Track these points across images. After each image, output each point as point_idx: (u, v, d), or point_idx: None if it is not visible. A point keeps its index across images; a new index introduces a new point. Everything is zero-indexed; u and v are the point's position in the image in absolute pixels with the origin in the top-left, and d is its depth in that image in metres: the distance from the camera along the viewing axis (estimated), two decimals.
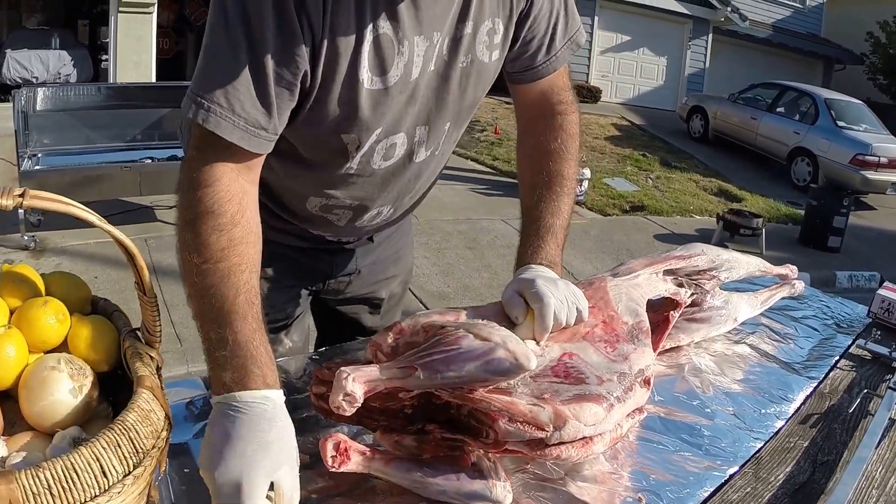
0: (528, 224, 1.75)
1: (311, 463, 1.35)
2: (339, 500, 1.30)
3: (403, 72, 1.48)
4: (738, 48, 23.43)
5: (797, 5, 25.58)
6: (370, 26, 1.39)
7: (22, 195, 0.93)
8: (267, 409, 1.18)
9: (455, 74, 1.58)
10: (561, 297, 1.48)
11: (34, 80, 14.17)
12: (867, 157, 14.07)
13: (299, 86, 1.39)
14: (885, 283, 2.58)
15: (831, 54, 25.29)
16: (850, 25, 25.20)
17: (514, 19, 1.65)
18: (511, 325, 1.47)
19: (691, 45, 22.24)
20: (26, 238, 6.87)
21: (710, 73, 22.42)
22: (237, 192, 1.35)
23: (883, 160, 14.18)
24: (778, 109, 16.59)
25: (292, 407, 1.28)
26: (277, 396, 1.22)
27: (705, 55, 22.35)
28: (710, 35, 22.31)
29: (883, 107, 19.48)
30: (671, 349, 2.03)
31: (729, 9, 21.33)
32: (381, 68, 1.45)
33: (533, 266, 1.62)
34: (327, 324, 2.32)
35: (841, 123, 15.03)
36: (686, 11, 21.38)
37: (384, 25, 1.41)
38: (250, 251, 1.33)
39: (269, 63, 1.32)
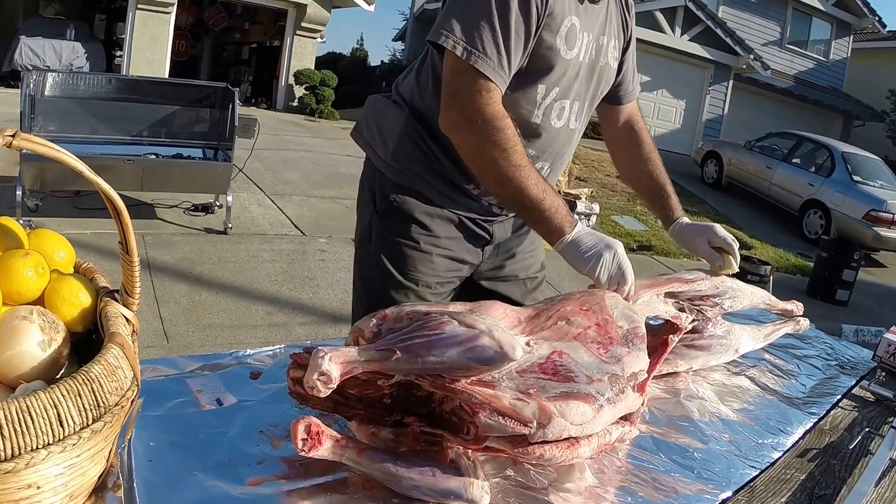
0: (655, 190, 2.44)
1: (280, 448, 1.34)
2: (307, 488, 1.26)
3: (578, 52, 2.02)
4: (757, 96, 23.47)
5: (820, 58, 25.65)
6: (568, 16, 1.95)
7: (13, 135, 0.92)
8: (588, 230, 1.91)
9: (597, 69, 2.13)
10: None
11: (46, 69, 14.18)
12: (881, 214, 13.96)
13: (530, 45, 1.91)
14: (892, 328, 2.55)
15: (851, 109, 25.31)
16: (872, 82, 25.27)
17: (622, 45, 2.27)
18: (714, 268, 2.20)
19: (711, 90, 22.27)
20: (22, 222, 6.77)
21: (728, 120, 22.45)
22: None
23: None
24: (794, 160, 16.54)
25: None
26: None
27: (724, 101, 22.38)
28: (731, 81, 22.36)
29: None
30: (668, 374, 2.00)
31: (752, 56, 21.38)
32: (570, 44, 1.98)
33: (684, 217, 2.39)
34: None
35: (857, 178, 14.94)
36: (709, 56, 21.43)
37: (574, 18, 1.96)
38: None
39: (512, 23, 1.83)
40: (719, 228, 2.27)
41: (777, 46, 24.48)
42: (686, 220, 2.37)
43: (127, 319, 1.14)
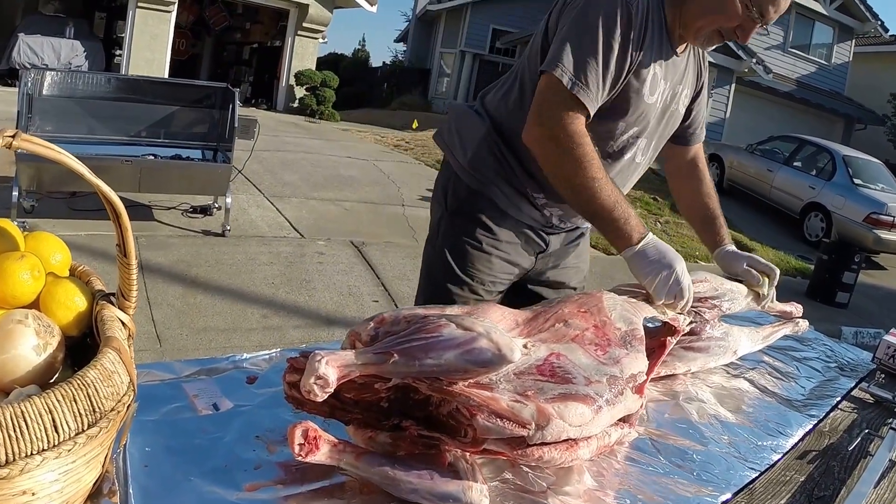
0: (708, 221, 2.58)
1: (277, 453, 1.33)
2: (304, 493, 1.25)
3: (656, 98, 2.21)
4: (759, 100, 23.49)
5: (822, 62, 25.69)
6: (652, 65, 2.14)
7: (13, 136, 0.92)
8: (655, 237, 2.01)
9: (668, 113, 2.32)
10: None
11: (44, 67, 14.15)
12: (882, 217, 13.97)
13: (620, 83, 2.09)
14: (891, 330, 2.55)
15: (853, 113, 25.34)
16: (874, 86, 25.32)
17: (693, 94, 2.45)
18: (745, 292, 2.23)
19: (713, 93, 22.25)
20: (17, 223, 6.74)
21: (730, 123, 22.45)
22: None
23: None
24: (795, 163, 16.55)
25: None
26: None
27: (727, 105, 22.38)
28: (733, 85, 22.37)
29: None
30: (666, 377, 2.01)
31: (754, 60, 21.40)
32: (652, 91, 2.17)
33: (731, 244, 2.52)
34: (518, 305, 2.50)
35: (857, 181, 14.96)
36: (711, 59, 21.30)
37: (656, 68, 2.16)
38: None
39: (612, 66, 2.03)
40: (760, 256, 2.40)
41: (780, 50, 24.51)
42: (732, 247, 2.50)
43: (123, 323, 1.13)
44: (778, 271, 2.31)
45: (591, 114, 2.05)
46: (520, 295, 2.52)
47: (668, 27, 2.17)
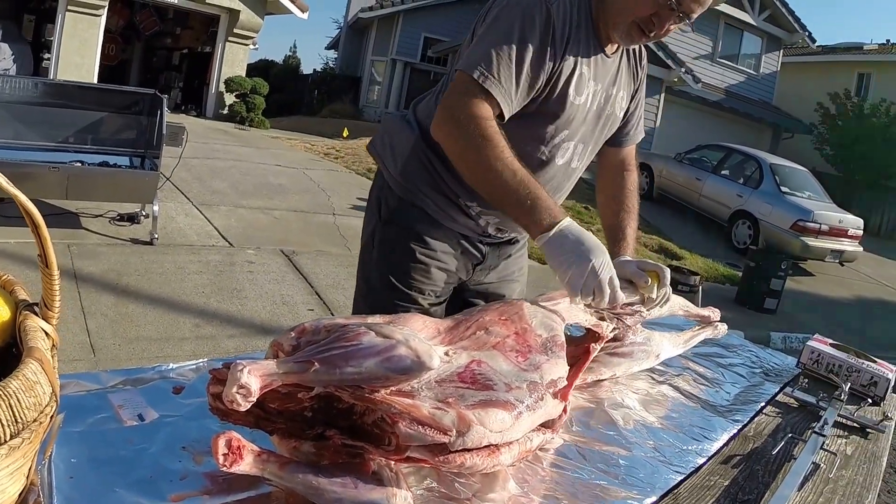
0: (615, 229, 2.48)
1: (203, 464, 1.32)
2: (230, 503, 1.25)
3: (585, 99, 2.20)
4: (689, 109, 23.76)
5: (751, 72, 26.08)
6: (579, 66, 2.13)
7: None
8: (574, 222, 1.88)
9: (603, 116, 2.31)
10: None
11: None
12: (808, 224, 14.24)
13: (539, 84, 2.06)
14: (815, 335, 2.59)
15: (780, 122, 25.77)
16: (801, 95, 25.75)
17: (630, 95, 2.44)
18: (633, 291, 2.10)
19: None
20: None
21: (660, 132, 22.66)
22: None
23: (824, 227, 14.38)
24: (723, 171, 16.79)
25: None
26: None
27: (656, 114, 22.59)
28: (663, 94, 22.59)
29: (829, 177, 19.86)
30: (592, 384, 2.02)
31: (683, 70, 21.63)
32: (579, 91, 2.16)
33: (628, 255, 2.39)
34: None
35: (784, 189, 15.23)
36: None
37: (583, 68, 2.15)
38: None
39: (527, 62, 2.00)
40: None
41: (709, 60, 24.85)
42: (628, 257, 2.37)
43: (46, 333, 1.11)
44: (668, 270, 2.19)
45: (507, 111, 2.02)
46: (458, 307, 2.41)
47: (595, 27, 2.16)
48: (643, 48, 2.46)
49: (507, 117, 2.04)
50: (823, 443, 1.89)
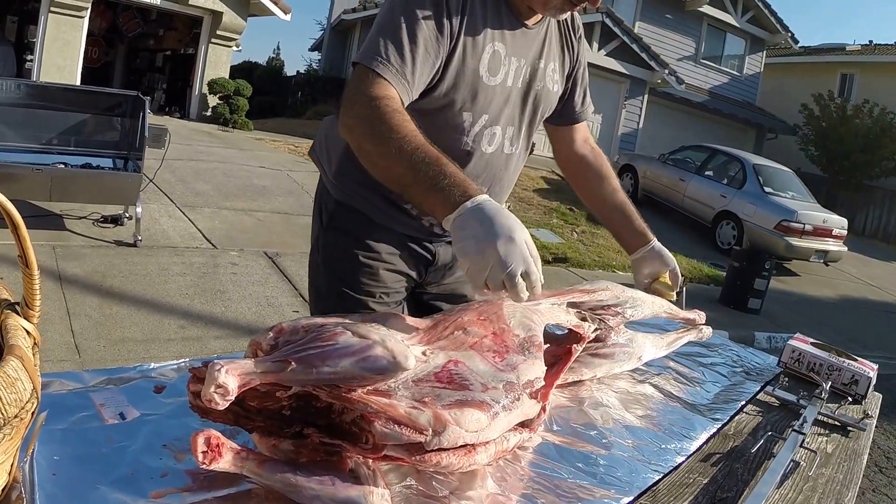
0: (618, 215, 2.56)
1: (184, 461, 1.32)
2: (210, 500, 1.24)
3: (503, 78, 2.10)
4: (673, 110, 23.87)
5: (734, 73, 26.21)
6: (491, 43, 2.04)
7: None
8: (492, 201, 1.60)
9: (532, 93, 2.22)
10: None
11: None
12: (792, 224, 14.33)
13: (438, 63, 1.96)
14: (795, 334, 2.61)
15: (764, 123, 25.90)
16: (785, 96, 25.92)
17: (563, 67, 2.34)
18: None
19: (627, 104, 22.58)
20: None
21: (644, 134, 22.76)
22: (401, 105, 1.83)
23: (808, 227, 14.48)
24: (707, 172, 16.87)
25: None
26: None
27: (640, 115, 22.69)
28: (647, 96, 22.71)
29: (813, 177, 19.97)
30: (573, 383, 2.01)
31: (666, 71, 21.72)
32: (494, 71, 2.07)
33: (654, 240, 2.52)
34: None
35: (768, 189, 15.31)
36: (624, 71, 21.72)
37: (496, 45, 2.05)
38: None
39: (420, 39, 1.89)
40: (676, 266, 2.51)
41: (692, 61, 24.96)
42: (656, 242, 2.55)
43: (27, 332, 1.12)
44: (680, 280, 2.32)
45: (404, 92, 1.87)
46: (421, 310, 2.45)
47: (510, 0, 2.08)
48: (575, 15, 2.29)
49: (407, 100, 1.88)
50: (803, 441, 1.89)
